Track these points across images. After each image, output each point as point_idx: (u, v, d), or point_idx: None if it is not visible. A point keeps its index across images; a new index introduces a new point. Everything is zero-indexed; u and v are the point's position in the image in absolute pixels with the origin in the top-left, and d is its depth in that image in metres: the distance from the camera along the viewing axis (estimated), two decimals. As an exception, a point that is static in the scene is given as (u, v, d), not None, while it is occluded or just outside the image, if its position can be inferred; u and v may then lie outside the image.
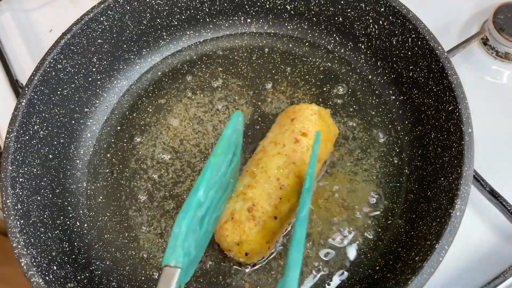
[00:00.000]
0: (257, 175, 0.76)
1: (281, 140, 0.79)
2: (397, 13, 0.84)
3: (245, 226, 0.72)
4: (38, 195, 0.79)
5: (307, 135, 0.78)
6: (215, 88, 0.96)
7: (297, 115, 0.81)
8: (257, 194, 0.74)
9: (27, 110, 0.80)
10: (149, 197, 0.86)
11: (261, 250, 0.74)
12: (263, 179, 0.75)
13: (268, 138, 0.82)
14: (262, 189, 0.74)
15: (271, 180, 0.75)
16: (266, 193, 0.74)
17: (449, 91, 0.77)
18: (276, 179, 0.75)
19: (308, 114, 0.81)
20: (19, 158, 0.78)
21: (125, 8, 0.91)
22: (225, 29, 1.01)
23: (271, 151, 0.78)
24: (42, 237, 0.75)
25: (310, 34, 0.99)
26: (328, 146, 0.82)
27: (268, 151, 0.78)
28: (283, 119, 0.83)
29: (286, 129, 0.80)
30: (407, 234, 0.78)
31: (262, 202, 0.73)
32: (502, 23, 0.97)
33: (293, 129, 0.79)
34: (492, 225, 0.84)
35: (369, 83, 0.93)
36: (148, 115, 0.94)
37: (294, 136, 0.78)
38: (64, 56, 0.86)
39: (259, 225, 0.72)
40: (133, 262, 0.82)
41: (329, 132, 0.82)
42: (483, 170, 0.84)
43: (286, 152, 0.77)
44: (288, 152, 0.77)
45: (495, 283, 0.75)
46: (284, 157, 0.76)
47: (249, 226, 0.72)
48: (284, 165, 0.76)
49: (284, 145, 0.78)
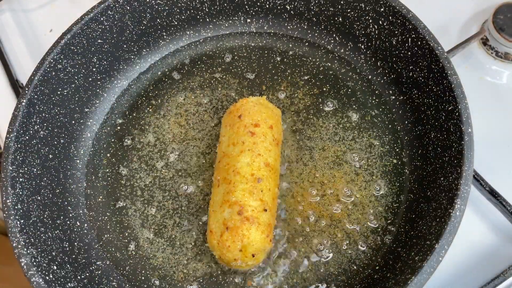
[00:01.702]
0: (231, 179, 0.77)
1: (238, 139, 0.81)
2: (397, 13, 0.84)
3: (242, 229, 0.73)
4: (38, 195, 0.79)
5: (259, 125, 0.81)
6: (215, 88, 0.96)
7: (242, 111, 0.84)
8: (240, 196, 0.75)
9: (27, 110, 0.80)
10: (149, 197, 0.86)
11: (264, 246, 0.74)
12: (239, 181, 0.77)
13: (224, 142, 0.83)
14: (242, 189, 0.76)
15: (247, 178, 0.77)
16: (248, 192, 0.76)
17: (449, 91, 0.77)
18: (251, 175, 0.77)
19: (251, 106, 0.84)
20: (19, 158, 0.78)
21: (125, 8, 0.91)
22: (225, 29, 1.01)
23: (233, 152, 0.80)
24: (42, 237, 0.75)
25: (310, 34, 0.99)
26: (280, 127, 0.86)
27: (230, 153, 0.80)
28: (230, 119, 0.85)
29: (237, 127, 0.82)
30: (407, 234, 0.78)
31: (248, 201, 0.75)
32: (502, 23, 0.97)
33: (245, 124, 0.82)
34: (492, 225, 0.84)
35: (369, 83, 0.93)
36: (148, 115, 0.94)
37: (249, 130, 0.81)
38: (64, 56, 0.86)
39: (254, 223, 0.73)
40: (133, 262, 0.82)
41: (275, 115, 0.86)
42: (483, 170, 0.84)
43: (249, 147, 0.79)
44: (250, 146, 0.79)
45: (495, 283, 0.75)
46: (249, 152, 0.79)
47: (246, 228, 0.73)
48: (252, 159, 0.78)
49: (243, 142, 0.80)
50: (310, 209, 0.82)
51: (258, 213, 0.74)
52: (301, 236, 0.81)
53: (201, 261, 0.80)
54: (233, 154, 0.80)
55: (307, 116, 0.91)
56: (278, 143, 0.84)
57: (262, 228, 0.74)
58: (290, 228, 0.81)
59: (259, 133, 0.81)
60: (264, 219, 0.75)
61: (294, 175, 0.86)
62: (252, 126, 0.81)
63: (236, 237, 0.73)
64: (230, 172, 0.78)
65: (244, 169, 0.77)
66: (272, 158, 0.80)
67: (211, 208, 0.79)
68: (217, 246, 0.74)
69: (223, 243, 0.73)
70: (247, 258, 0.74)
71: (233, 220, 0.73)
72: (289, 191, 0.84)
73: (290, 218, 0.82)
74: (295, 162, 0.87)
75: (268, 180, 0.78)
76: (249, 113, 0.83)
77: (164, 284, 0.79)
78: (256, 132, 0.81)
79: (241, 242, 0.73)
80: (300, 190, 0.84)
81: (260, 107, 0.84)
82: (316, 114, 0.91)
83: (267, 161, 0.79)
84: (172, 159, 0.89)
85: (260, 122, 0.82)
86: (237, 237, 0.73)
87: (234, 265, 0.75)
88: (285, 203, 0.83)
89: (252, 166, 0.78)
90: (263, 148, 0.80)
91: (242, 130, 0.81)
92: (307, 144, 0.88)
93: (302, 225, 0.81)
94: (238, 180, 0.77)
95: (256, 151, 0.79)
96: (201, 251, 0.81)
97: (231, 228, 0.73)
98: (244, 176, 0.77)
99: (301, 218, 0.82)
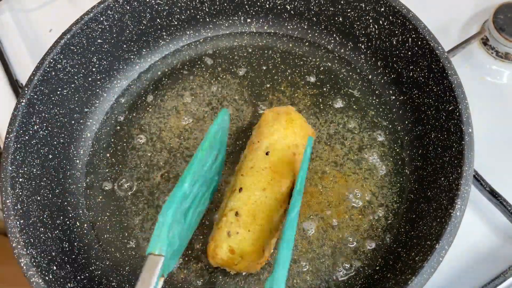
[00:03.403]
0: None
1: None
2: (397, 13, 0.84)
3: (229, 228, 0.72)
4: (38, 195, 0.79)
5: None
6: (215, 88, 0.96)
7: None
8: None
9: (27, 110, 0.80)
10: (149, 197, 0.86)
11: (257, 240, 0.73)
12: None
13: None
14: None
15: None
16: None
17: (449, 91, 0.77)
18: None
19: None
20: (19, 158, 0.78)
21: (125, 8, 0.91)
22: (225, 29, 1.01)
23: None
24: (42, 237, 0.75)
25: (310, 34, 0.99)
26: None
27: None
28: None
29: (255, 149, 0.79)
30: (407, 234, 0.78)
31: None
32: (502, 23, 0.97)
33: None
34: (492, 225, 0.84)
35: (369, 83, 0.93)
36: (148, 115, 0.94)
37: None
38: (64, 56, 0.86)
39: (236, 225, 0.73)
40: (133, 262, 0.81)
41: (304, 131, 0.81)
42: (483, 170, 0.84)
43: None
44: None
45: (495, 283, 0.75)
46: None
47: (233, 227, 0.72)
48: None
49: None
50: (309, 210, 0.82)
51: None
52: (301, 236, 0.81)
53: (202, 261, 0.80)
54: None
55: (307, 116, 0.91)
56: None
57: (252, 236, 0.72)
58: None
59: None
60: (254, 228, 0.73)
61: (294, 175, 0.86)
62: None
63: (221, 237, 0.72)
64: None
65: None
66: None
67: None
68: (212, 256, 0.74)
69: (214, 250, 0.73)
70: (238, 258, 0.72)
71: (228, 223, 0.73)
72: (289, 191, 0.84)
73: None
74: (295, 162, 0.87)
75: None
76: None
77: (164, 284, 0.79)
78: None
79: (227, 244, 0.71)
80: (300, 190, 0.84)
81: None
82: (316, 114, 0.91)
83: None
84: (172, 159, 0.89)
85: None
86: (221, 238, 0.72)
87: (234, 269, 0.75)
88: (285, 203, 0.83)
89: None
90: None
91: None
92: (307, 144, 0.88)
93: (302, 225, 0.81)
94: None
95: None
96: (201, 252, 0.81)
97: (214, 237, 0.74)
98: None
99: (301, 218, 0.82)
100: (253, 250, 0.72)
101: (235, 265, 0.73)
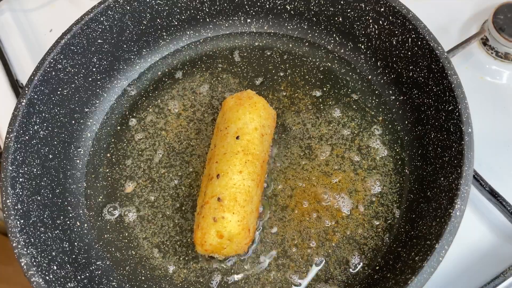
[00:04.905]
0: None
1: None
2: (397, 13, 0.85)
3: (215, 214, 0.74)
4: (38, 195, 0.79)
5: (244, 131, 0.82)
6: (215, 88, 0.96)
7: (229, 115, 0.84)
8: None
9: (27, 110, 0.80)
10: (149, 197, 0.86)
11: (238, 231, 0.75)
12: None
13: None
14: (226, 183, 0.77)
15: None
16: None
17: (449, 91, 0.77)
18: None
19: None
20: (19, 158, 0.78)
21: (125, 8, 0.91)
22: (225, 29, 1.01)
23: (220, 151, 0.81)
24: (42, 237, 0.75)
25: (310, 34, 0.99)
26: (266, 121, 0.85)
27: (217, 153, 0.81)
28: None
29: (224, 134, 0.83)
30: (407, 234, 0.78)
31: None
32: (502, 23, 0.97)
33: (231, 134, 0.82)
34: (492, 225, 0.84)
35: (369, 83, 0.93)
36: (148, 115, 0.94)
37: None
38: (64, 56, 0.86)
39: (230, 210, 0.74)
40: (133, 262, 0.82)
41: (268, 114, 0.85)
42: (483, 170, 0.84)
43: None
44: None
45: (495, 283, 0.75)
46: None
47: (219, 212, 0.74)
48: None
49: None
50: (309, 209, 0.82)
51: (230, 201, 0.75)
52: (300, 237, 0.81)
53: (202, 261, 0.80)
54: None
55: (307, 116, 0.91)
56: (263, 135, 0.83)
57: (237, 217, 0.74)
58: (289, 228, 0.81)
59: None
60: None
61: (292, 174, 0.86)
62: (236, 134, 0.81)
63: (207, 224, 0.74)
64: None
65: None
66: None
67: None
68: (199, 244, 0.75)
69: (201, 237, 0.74)
70: (228, 240, 0.74)
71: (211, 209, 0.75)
72: (287, 190, 0.84)
73: (289, 218, 0.82)
74: (294, 161, 0.87)
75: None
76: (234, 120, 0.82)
77: (164, 284, 0.79)
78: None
79: (215, 229, 0.73)
80: (299, 189, 0.84)
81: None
82: (316, 114, 0.91)
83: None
84: (173, 159, 0.89)
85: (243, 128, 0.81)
86: (207, 224, 0.74)
87: (223, 253, 0.76)
88: (282, 202, 0.83)
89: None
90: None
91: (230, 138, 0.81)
92: (306, 144, 0.88)
93: (302, 225, 0.81)
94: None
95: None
96: (201, 251, 0.81)
97: (200, 225, 0.75)
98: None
99: (300, 218, 0.82)
100: (240, 231, 0.74)
101: (224, 249, 0.75)
